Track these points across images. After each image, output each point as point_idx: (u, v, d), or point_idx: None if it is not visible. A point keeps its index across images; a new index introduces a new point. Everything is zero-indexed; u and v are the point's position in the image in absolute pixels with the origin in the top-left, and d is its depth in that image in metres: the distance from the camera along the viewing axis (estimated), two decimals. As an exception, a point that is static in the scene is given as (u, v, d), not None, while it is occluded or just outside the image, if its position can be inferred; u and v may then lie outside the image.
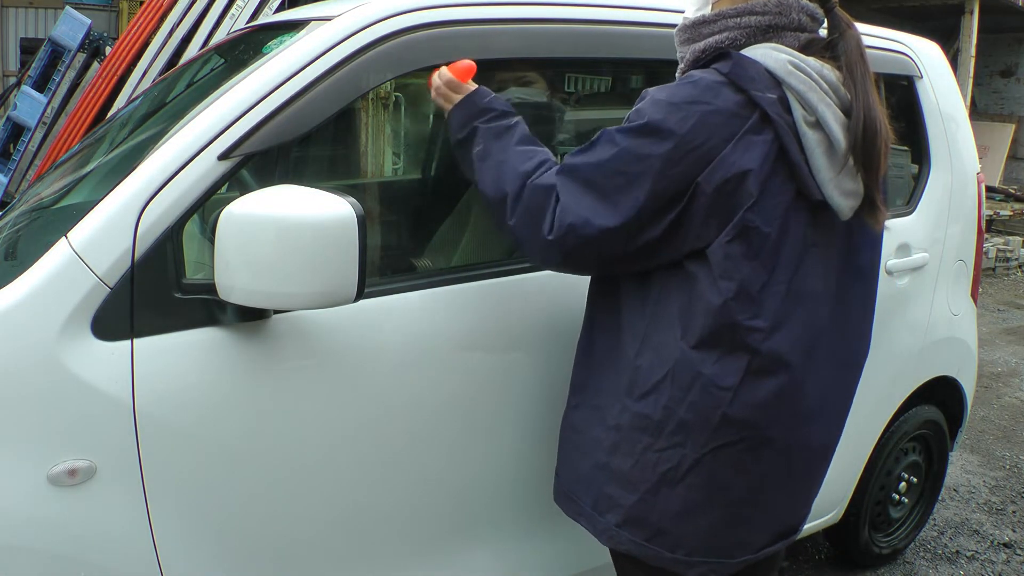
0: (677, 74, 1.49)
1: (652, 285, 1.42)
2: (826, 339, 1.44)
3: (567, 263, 1.44)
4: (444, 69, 1.60)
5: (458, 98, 1.57)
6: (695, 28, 1.44)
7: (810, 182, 1.35)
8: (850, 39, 1.40)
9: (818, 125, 1.34)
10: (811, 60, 1.36)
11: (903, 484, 2.70)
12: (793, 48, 1.39)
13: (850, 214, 1.40)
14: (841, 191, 1.37)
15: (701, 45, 1.42)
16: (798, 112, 1.34)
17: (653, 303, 1.41)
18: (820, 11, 1.44)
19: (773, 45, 1.38)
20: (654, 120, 1.33)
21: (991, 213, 8.81)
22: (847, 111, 1.36)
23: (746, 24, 1.39)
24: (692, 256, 1.36)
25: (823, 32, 1.46)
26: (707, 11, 1.44)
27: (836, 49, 1.40)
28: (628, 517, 1.44)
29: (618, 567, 1.60)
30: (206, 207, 1.47)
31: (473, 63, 1.60)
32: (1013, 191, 10.05)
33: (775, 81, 1.34)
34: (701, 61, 1.42)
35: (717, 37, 1.40)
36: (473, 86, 1.58)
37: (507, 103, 1.58)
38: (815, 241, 1.39)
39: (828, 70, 1.37)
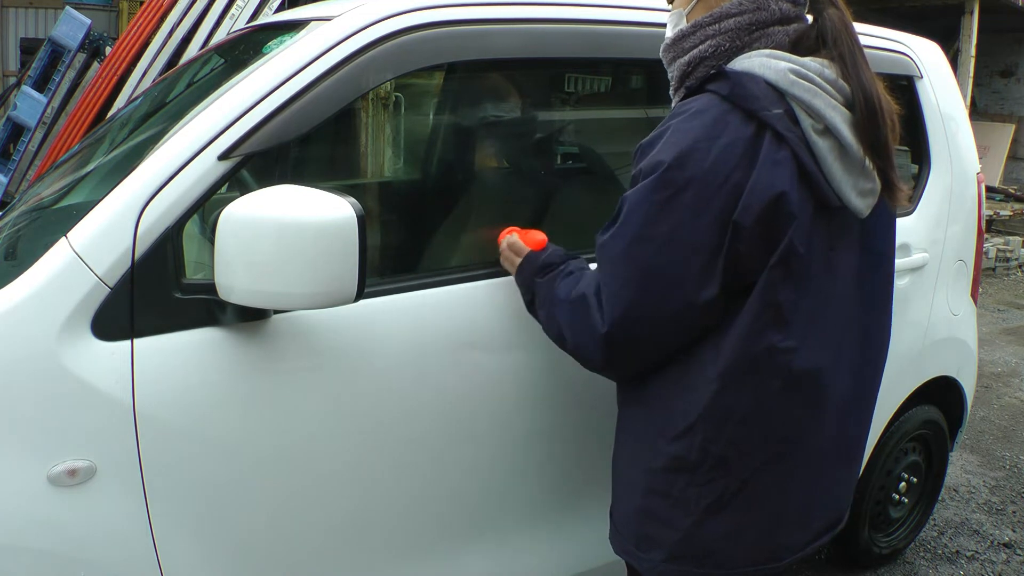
0: (671, 92, 1.45)
1: None
2: (850, 334, 1.43)
3: (629, 353, 1.38)
4: (514, 234, 1.65)
5: (519, 260, 1.61)
6: (677, 44, 1.40)
7: (827, 191, 1.31)
8: (833, 18, 1.34)
9: (827, 132, 1.30)
10: (809, 62, 1.32)
11: (903, 484, 2.70)
12: (784, 47, 1.35)
13: (868, 212, 1.37)
14: (858, 192, 1.34)
15: (686, 59, 1.37)
16: (806, 122, 1.29)
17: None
18: None
19: (769, 52, 1.33)
20: (672, 169, 1.27)
21: (991, 213, 8.80)
22: (851, 105, 1.32)
23: (726, 28, 1.34)
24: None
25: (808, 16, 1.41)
26: (683, 25, 1.40)
27: (823, 34, 1.35)
28: (674, 553, 1.43)
29: None
30: (206, 207, 1.47)
31: (545, 237, 1.64)
32: (1013, 191, 10.04)
33: (778, 93, 1.29)
34: (691, 76, 1.38)
35: (701, 47, 1.36)
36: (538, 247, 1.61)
37: (563, 253, 1.57)
38: (833, 244, 1.37)
39: (827, 68, 1.32)
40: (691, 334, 1.35)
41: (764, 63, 1.31)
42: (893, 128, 1.34)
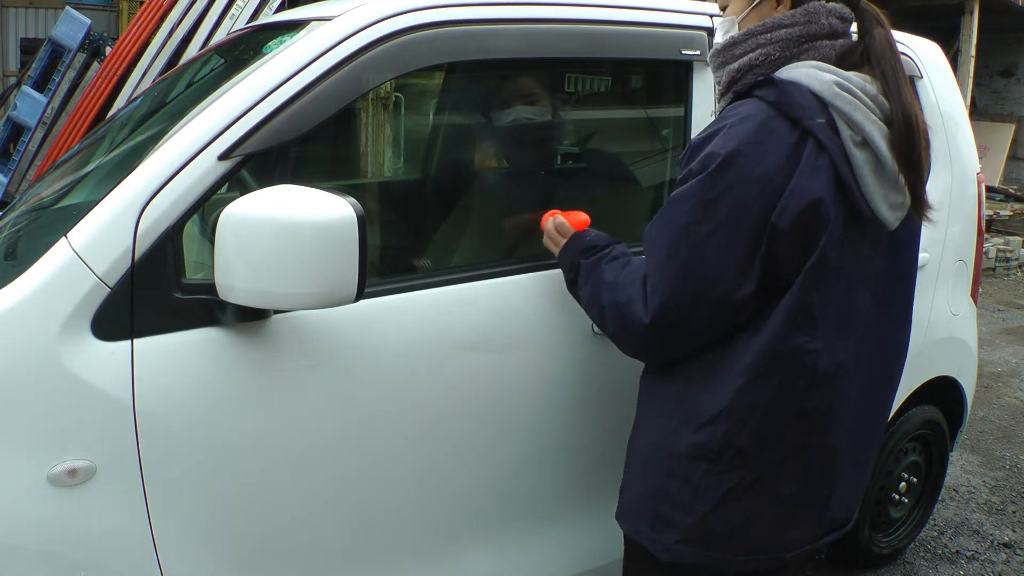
0: (715, 97, 1.50)
1: None
2: (871, 340, 1.47)
3: (667, 343, 1.43)
4: (559, 215, 1.70)
5: (564, 241, 1.65)
6: (727, 51, 1.44)
7: (860, 201, 1.36)
8: (879, 37, 1.40)
9: (865, 144, 1.35)
10: (853, 76, 1.36)
11: (903, 484, 2.70)
12: (831, 60, 1.39)
13: (897, 224, 1.41)
14: (890, 205, 1.38)
15: (736, 65, 1.42)
16: (846, 133, 1.34)
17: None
18: (847, 10, 1.44)
19: (815, 64, 1.37)
20: (719, 170, 1.32)
21: (991, 213, 8.79)
22: (889, 121, 1.36)
23: (778, 38, 1.39)
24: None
25: (853, 29, 1.46)
26: (735, 32, 1.44)
27: (869, 52, 1.40)
28: (688, 536, 1.46)
29: (633, 561, 1.61)
30: (206, 207, 1.47)
31: (587, 218, 1.69)
32: (1013, 191, 10.04)
33: (821, 104, 1.34)
34: (739, 81, 1.42)
35: (751, 55, 1.40)
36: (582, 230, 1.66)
37: (608, 237, 1.62)
38: (863, 253, 1.41)
39: (869, 83, 1.36)
40: (726, 327, 1.39)
41: (811, 74, 1.35)
42: (927, 147, 1.39)
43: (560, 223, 1.69)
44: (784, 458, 1.42)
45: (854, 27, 1.48)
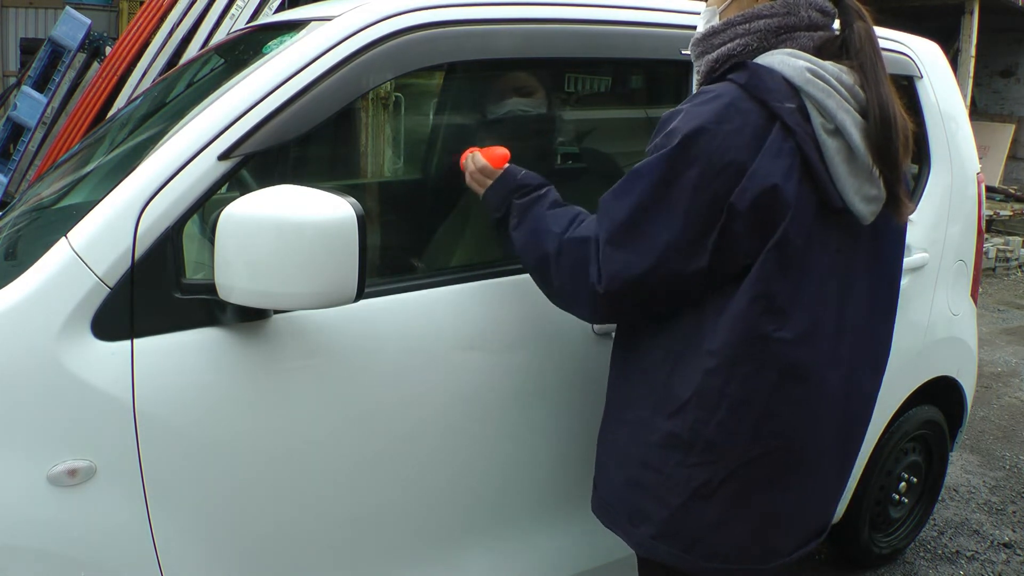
0: (694, 88, 1.49)
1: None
2: (850, 341, 1.44)
3: (618, 311, 1.43)
4: (477, 154, 1.64)
5: (491, 181, 1.61)
6: (706, 40, 1.44)
7: (831, 190, 1.34)
8: (860, 31, 1.38)
9: (837, 132, 1.33)
10: (829, 65, 1.35)
11: (903, 484, 2.70)
12: (808, 50, 1.38)
13: (872, 219, 1.39)
14: (863, 197, 1.36)
15: (714, 55, 1.42)
16: (817, 120, 1.33)
17: (683, 320, 1.41)
18: (829, 3, 1.43)
19: (790, 51, 1.37)
20: (681, 146, 1.32)
21: (991, 213, 8.79)
22: (865, 113, 1.34)
23: (756, 29, 1.39)
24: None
25: (836, 25, 1.45)
26: (715, 22, 1.44)
27: (848, 44, 1.39)
28: (662, 531, 1.45)
29: (646, 574, 1.60)
30: (206, 207, 1.47)
31: (507, 152, 1.64)
32: (1013, 191, 10.04)
33: (793, 90, 1.33)
34: (716, 72, 1.42)
35: (729, 45, 1.40)
36: (505, 167, 1.62)
37: (539, 176, 1.60)
38: (839, 247, 1.39)
39: (846, 74, 1.35)
40: (681, 301, 1.39)
41: (784, 60, 1.35)
42: (906, 144, 1.37)
43: (483, 166, 1.62)
44: (758, 458, 1.39)
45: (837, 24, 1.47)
